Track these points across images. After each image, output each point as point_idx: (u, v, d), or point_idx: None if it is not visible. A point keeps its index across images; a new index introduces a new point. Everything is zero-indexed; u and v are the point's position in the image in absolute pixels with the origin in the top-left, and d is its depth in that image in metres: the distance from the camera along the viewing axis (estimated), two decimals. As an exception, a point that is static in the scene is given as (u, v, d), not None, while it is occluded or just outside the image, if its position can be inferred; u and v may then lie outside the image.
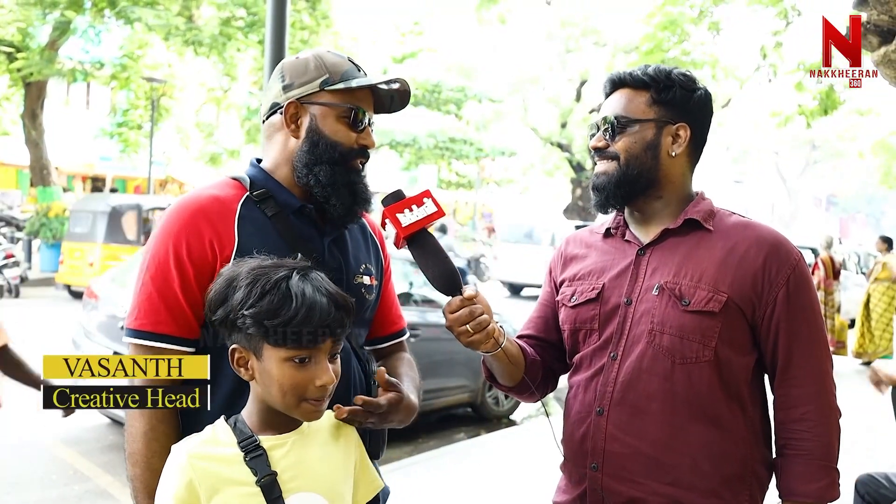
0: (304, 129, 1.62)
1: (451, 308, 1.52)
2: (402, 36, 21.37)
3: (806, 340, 1.61)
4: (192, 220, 1.54)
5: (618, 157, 1.67)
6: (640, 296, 1.65)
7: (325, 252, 1.63)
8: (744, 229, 1.66)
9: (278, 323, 1.29)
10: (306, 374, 1.32)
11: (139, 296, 1.53)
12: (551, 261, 1.92)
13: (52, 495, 4.65)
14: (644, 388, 1.60)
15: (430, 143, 24.23)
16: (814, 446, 1.58)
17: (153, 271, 1.52)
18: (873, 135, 27.42)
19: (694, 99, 1.69)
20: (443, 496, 4.88)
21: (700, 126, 1.71)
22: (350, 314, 1.38)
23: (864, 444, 5.71)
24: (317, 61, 1.64)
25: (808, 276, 1.64)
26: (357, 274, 1.70)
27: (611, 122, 1.69)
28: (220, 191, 1.62)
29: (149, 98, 18.24)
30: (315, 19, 15.60)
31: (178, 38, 14.78)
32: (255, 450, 1.35)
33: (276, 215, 1.60)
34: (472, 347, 1.56)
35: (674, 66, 1.75)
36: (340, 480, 1.42)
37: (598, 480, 1.64)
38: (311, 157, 1.61)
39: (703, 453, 1.58)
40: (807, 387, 1.60)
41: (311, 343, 1.31)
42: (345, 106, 1.62)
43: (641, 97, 1.68)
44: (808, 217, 46.41)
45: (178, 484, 1.31)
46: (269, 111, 1.67)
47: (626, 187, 1.67)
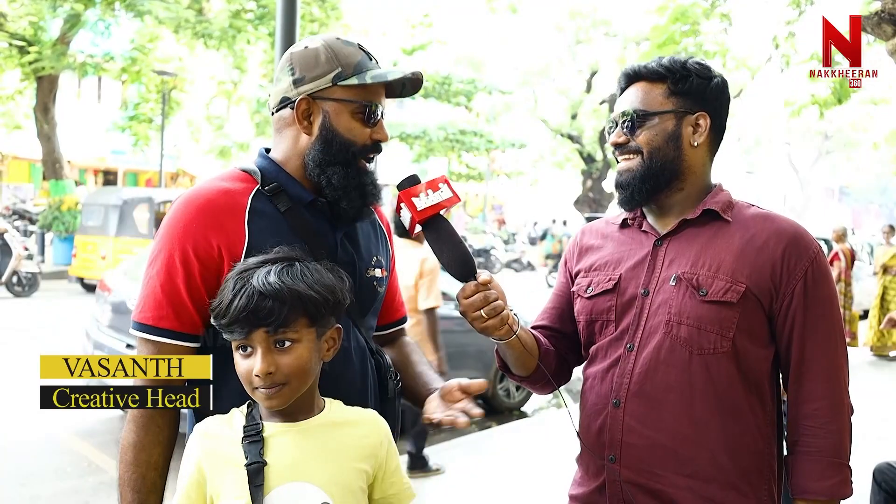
0: (316, 126, 1.58)
1: (466, 293, 1.52)
2: (412, 28, 21.32)
3: (822, 334, 1.59)
4: (200, 215, 1.51)
5: (641, 150, 1.66)
6: (658, 286, 1.64)
7: (337, 246, 1.61)
8: (763, 220, 1.64)
9: (215, 314, 1.37)
10: (249, 364, 1.36)
11: (145, 289, 1.53)
12: (566, 251, 1.91)
13: (66, 487, 4.69)
14: (662, 380, 1.59)
15: (441, 136, 24.17)
16: (825, 443, 1.57)
17: (159, 266, 1.51)
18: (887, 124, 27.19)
19: (711, 87, 1.68)
20: (454, 488, 4.88)
21: (719, 114, 1.70)
22: (288, 305, 1.35)
23: (877, 434, 5.68)
24: (328, 53, 1.58)
25: (826, 269, 1.62)
26: (369, 267, 1.68)
27: (630, 117, 1.67)
28: (231, 183, 1.59)
29: (160, 91, 18.28)
30: (325, 11, 15.59)
31: (188, 30, 14.80)
32: (254, 435, 1.38)
33: (288, 210, 1.57)
34: (485, 333, 1.55)
35: (688, 55, 1.73)
36: (347, 477, 1.42)
37: (616, 472, 1.63)
38: (324, 156, 1.57)
39: (721, 446, 1.57)
40: (820, 382, 1.59)
41: (239, 333, 1.36)
42: (359, 102, 1.57)
43: (658, 89, 1.67)
44: (821, 208, 46.11)
45: (189, 462, 1.40)
46: (280, 105, 1.62)
47: (651, 181, 1.65)
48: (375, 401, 1.65)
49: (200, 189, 1.58)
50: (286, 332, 1.36)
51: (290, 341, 1.37)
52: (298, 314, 1.37)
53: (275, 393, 1.36)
